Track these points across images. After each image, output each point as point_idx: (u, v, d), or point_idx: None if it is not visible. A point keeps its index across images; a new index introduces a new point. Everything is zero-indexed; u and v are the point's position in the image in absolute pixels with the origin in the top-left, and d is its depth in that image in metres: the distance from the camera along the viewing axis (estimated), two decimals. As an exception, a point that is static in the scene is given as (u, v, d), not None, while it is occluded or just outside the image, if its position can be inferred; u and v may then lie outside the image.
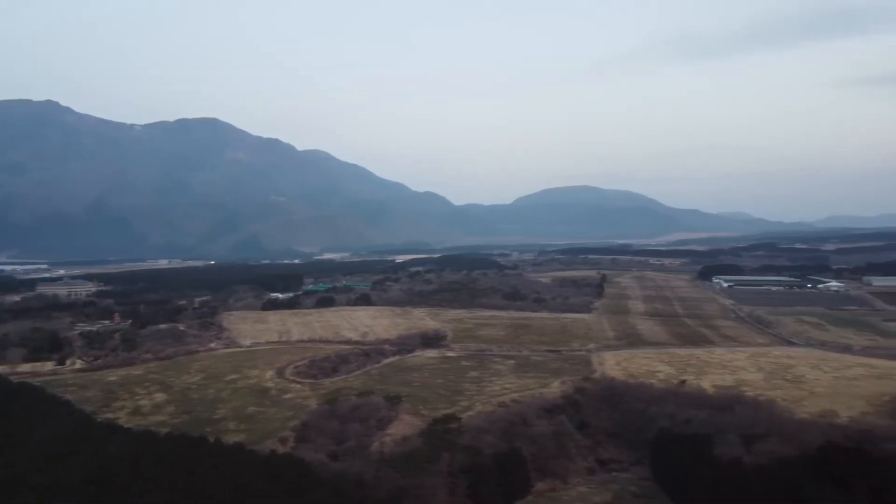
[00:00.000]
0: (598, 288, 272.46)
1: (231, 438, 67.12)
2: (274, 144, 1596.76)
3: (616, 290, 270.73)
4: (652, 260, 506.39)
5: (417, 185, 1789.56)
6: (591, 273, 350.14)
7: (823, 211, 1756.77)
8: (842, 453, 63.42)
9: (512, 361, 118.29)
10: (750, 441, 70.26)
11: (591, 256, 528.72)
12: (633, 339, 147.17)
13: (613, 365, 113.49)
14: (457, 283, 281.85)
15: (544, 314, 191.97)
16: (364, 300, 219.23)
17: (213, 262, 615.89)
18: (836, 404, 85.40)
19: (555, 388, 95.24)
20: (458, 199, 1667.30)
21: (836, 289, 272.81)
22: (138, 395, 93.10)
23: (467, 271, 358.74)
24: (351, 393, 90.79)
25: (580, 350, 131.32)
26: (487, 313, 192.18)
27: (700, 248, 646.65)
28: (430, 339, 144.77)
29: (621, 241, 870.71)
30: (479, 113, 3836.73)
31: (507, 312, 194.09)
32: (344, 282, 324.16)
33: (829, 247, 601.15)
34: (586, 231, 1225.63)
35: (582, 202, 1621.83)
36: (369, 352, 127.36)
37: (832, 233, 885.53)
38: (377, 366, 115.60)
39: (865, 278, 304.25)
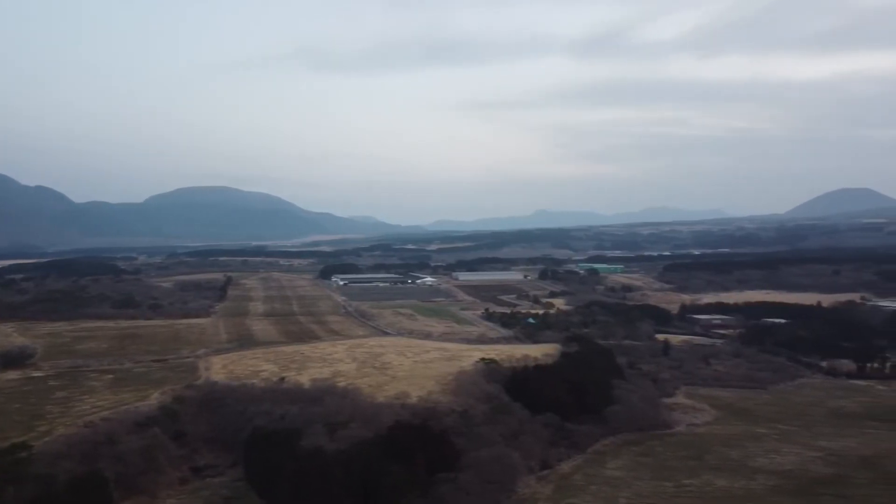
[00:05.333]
0: (222, 291, 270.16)
1: None
2: None
3: (240, 292, 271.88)
4: (283, 261, 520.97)
5: (27, 178, 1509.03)
6: (219, 276, 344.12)
7: (434, 216, 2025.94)
8: (407, 431, 74.17)
9: (111, 376, 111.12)
10: (334, 429, 76.54)
11: (222, 258, 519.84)
12: (245, 341, 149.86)
13: (220, 369, 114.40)
14: (59, 291, 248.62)
15: (158, 321, 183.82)
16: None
17: None
18: (411, 386, 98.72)
19: (152, 400, 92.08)
20: (78, 197, 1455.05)
21: (430, 283, 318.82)
22: None
23: (77, 278, 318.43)
24: None
25: (189, 357, 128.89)
26: (92, 324, 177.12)
27: (328, 249, 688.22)
28: (13, 359, 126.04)
29: (258, 243, 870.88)
30: (106, 105, 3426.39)
31: (115, 322, 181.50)
32: None
33: (433, 247, 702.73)
34: (225, 233, 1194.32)
35: (220, 203, 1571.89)
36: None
37: (437, 235, 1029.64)
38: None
39: (454, 273, 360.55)
